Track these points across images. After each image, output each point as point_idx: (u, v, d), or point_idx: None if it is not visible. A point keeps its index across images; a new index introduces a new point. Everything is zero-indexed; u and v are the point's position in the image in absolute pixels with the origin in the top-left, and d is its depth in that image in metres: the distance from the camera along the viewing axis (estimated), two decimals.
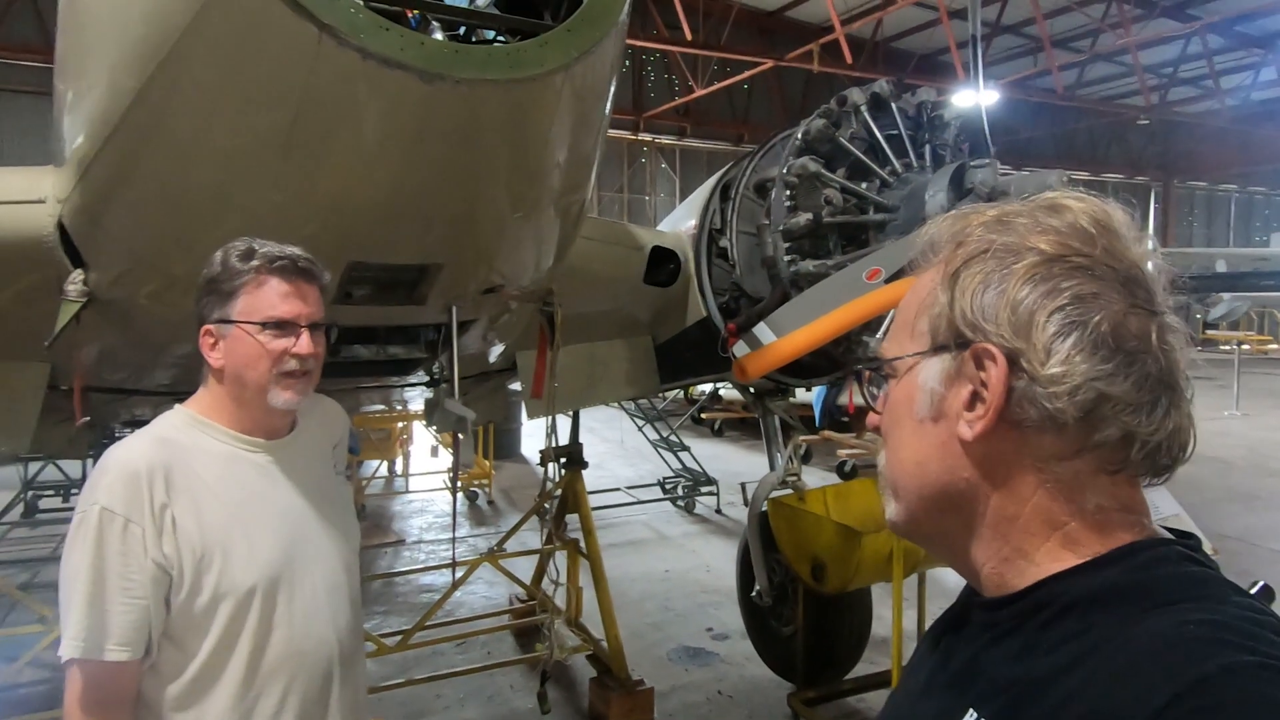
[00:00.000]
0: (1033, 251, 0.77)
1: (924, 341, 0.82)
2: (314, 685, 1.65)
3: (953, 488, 0.80)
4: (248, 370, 1.58)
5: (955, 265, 0.80)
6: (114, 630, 1.46)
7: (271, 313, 1.57)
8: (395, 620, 5.51)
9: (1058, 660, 0.70)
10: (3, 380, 2.92)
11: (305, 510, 1.69)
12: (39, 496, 8.40)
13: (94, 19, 1.85)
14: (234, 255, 1.58)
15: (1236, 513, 8.31)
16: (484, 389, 4.47)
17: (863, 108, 3.28)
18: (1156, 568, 0.74)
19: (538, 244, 2.51)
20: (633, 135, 21.83)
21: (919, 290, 0.86)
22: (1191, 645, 0.64)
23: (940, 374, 0.80)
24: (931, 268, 0.85)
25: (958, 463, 0.79)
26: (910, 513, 0.85)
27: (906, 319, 0.86)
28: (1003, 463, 0.78)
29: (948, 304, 0.79)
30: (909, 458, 0.84)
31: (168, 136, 1.80)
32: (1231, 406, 15.10)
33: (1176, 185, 31.47)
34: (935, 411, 0.80)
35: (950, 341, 0.79)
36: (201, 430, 1.62)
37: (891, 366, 0.86)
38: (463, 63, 1.58)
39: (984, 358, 0.76)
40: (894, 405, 0.86)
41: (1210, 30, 19.02)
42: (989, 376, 0.76)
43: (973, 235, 0.81)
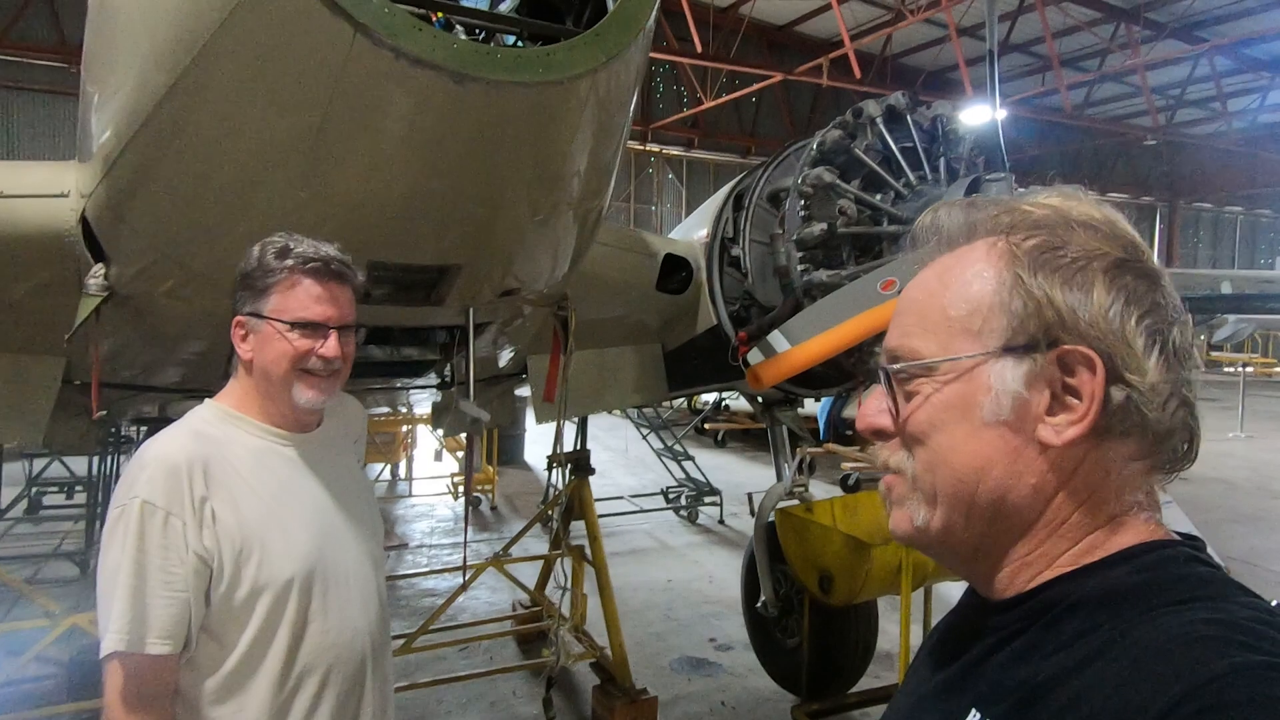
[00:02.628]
0: (1100, 255, 0.76)
1: (994, 339, 0.77)
2: (349, 677, 1.66)
3: (1014, 494, 0.77)
4: (274, 366, 1.60)
5: (1027, 260, 0.76)
6: (155, 623, 1.46)
7: (302, 314, 1.58)
8: (398, 624, 5.49)
9: (1065, 661, 0.70)
10: (19, 373, 2.93)
11: (334, 503, 1.70)
12: (43, 493, 8.41)
13: (125, 16, 1.86)
14: (270, 251, 1.59)
15: (1241, 534, 8.28)
16: (493, 393, 4.48)
17: (878, 120, 3.30)
18: (1164, 568, 0.74)
19: (556, 248, 2.51)
20: (641, 145, 21.90)
21: (957, 281, 0.80)
22: (1200, 645, 0.64)
23: (1024, 375, 0.75)
24: (958, 256, 0.81)
25: (1027, 468, 0.76)
26: (949, 521, 0.80)
27: (948, 312, 0.80)
28: (1075, 468, 0.76)
29: (1034, 301, 0.75)
30: (965, 463, 0.78)
31: (195, 133, 1.82)
32: (1236, 428, 15.07)
33: (1183, 206, 31.50)
34: (1014, 415, 0.76)
35: (1038, 341, 0.75)
36: (233, 424, 1.64)
37: (931, 366, 0.80)
38: (493, 64, 1.59)
39: (1076, 362, 0.74)
40: (940, 407, 0.79)
41: (1218, 52, 19.07)
42: (1082, 382, 0.74)
43: (1019, 228, 0.79)
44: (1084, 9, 18.24)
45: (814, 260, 3.29)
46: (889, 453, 0.85)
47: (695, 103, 20.03)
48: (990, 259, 0.79)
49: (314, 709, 1.60)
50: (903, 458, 0.83)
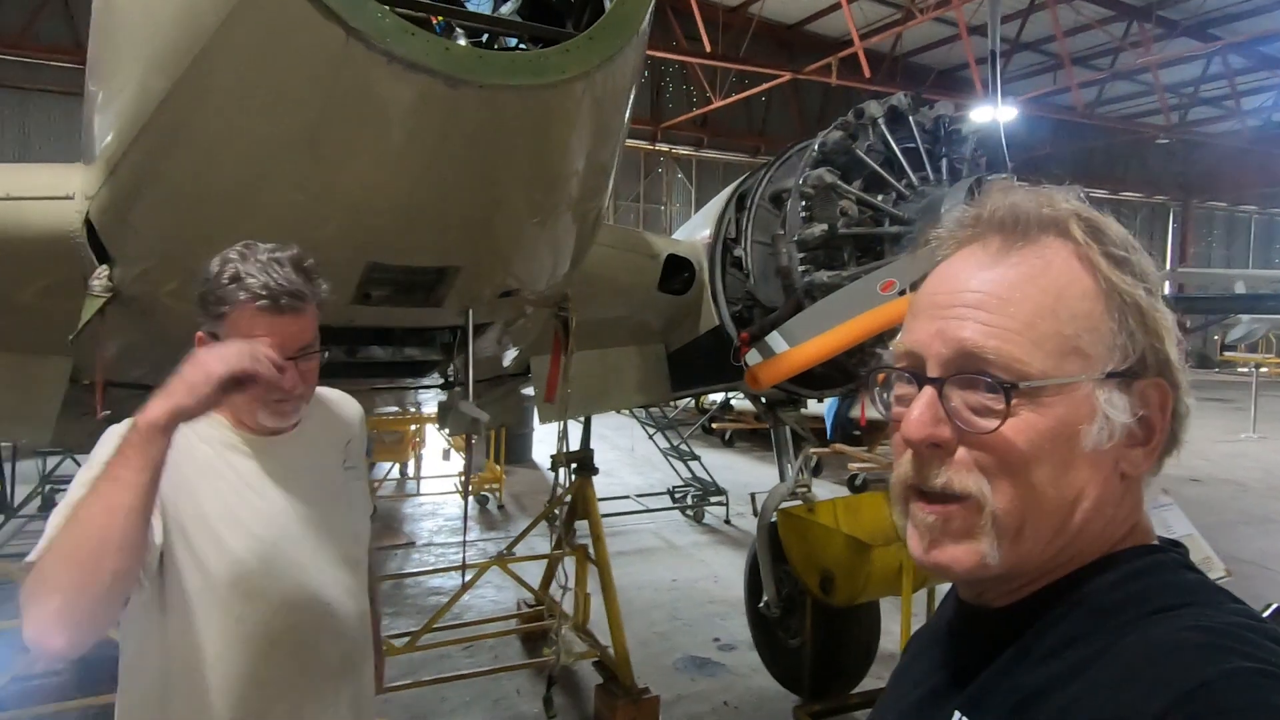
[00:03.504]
0: (1149, 273, 0.75)
1: (1099, 364, 0.72)
2: (313, 679, 1.64)
3: (1094, 524, 0.74)
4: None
5: (1123, 281, 0.73)
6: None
7: None
8: (403, 622, 5.52)
9: (1055, 668, 0.70)
10: (26, 373, 2.97)
11: (306, 504, 1.67)
12: (56, 491, 8.49)
13: (126, 21, 1.89)
14: (225, 274, 1.51)
15: (1251, 536, 8.22)
16: (497, 393, 4.50)
17: (880, 120, 3.30)
18: (1152, 575, 0.74)
19: (554, 249, 2.53)
20: (650, 145, 21.91)
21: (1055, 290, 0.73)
22: (1191, 651, 0.64)
23: (1127, 404, 0.72)
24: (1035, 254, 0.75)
25: (1109, 498, 0.74)
26: (1024, 557, 0.74)
27: (1058, 327, 0.72)
28: (1129, 491, 0.76)
29: (1146, 325, 0.72)
30: (1064, 497, 0.72)
31: (195, 136, 1.84)
32: (1248, 429, 14.95)
33: (1196, 205, 31.27)
34: (1113, 445, 0.72)
35: (1139, 369, 0.72)
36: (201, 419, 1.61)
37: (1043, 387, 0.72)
38: (486, 68, 1.61)
39: (1153, 391, 0.73)
40: (1045, 435, 0.71)
41: (1232, 50, 18.91)
42: (1154, 412, 0.73)
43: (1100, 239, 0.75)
44: (1096, 7, 18.12)
45: (815, 261, 3.29)
46: (951, 473, 0.74)
47: (705, 102, 20.02)
48: (1086, 270, 0.74)
49: (274, 708, 1.58)
50: (977, 482, 0.73)
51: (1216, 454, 12.58)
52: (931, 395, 0.75)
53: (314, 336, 1.61)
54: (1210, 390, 21.49)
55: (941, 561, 0.76)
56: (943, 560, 0.76)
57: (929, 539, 0.76)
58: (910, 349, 0.78)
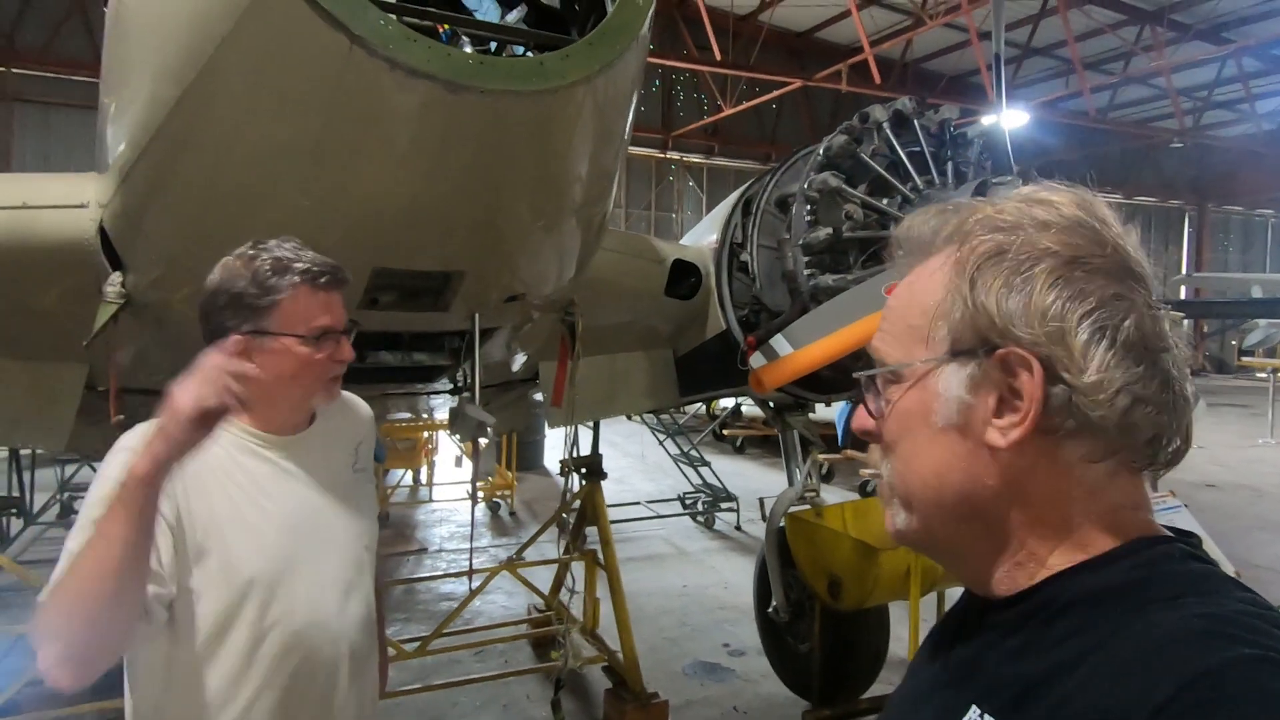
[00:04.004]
0: (1049, 254, 0.76)
1: (941, 346, 0.79)
2: (316, 682, 1.64)
3: (976, 496, 0.79)
4: (292, 379, 1.59)
5: (969, 267, 0.78)
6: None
7: (317, 324, 1.58)
8: (414, 627, 5.55)
9: (1061, 656, 0.71)
10: (42, 380, 3.02)
11: (316, 506, 1.69)
12: (74, 498, 8.57)
13: (137, 32, 1.94)
14: (263, 267, 1.56)
15: (1267, 541, 8.13)
16: (507, 398, 4.52)
17: (885, 125, 3.31)
18: (1160, 564, 0.74)
19: (560, 254, 2.55)
20: (661, 153, 21.99)
21: (919, 290, 0.83)
22: (1195, 639, 0.64)
23: (966, 380, 0.78)
24: (925, 266, 0.84)
25: (983, 471, 0.78)
26: (925, 524, 0.83)
27: (913, 321, 0.83)
28: (1030, 469, 0.77)
29: (971, 307, 0.77)
30: (926, 467, 0.81)
31: (203, 143, 1.88)
32: (1265, 434, 14.78)
33: (1211, 209, 31.02)
34: (960, 419, 0.78)
35: (977, 346, 0.77)
36: None
37: (896, 373, 0.83)
38: (487, 74, 1.64)
39: (1016, 364, 0.75)
40: (903, 413, 0.82)
41: (1245, 53, 18.80)
42: (1022, 383, 0.75)
43: (974, 234, 0.80)
44: (1107, 11, 18.07)
45: (820, 265, 3.30)
46: (874, 454, 0.88)
47: (715, 110, 20.09)
48: (945, 268, 0.81)
49: (274, 712, 1.59)
50: (881, 461, 0.86)
51: (1233, 459, 12.43)
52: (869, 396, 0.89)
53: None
54: (1227, 395, 21.28)
55: (885, 525, 0.89)
56: (885, 526, 0.89)
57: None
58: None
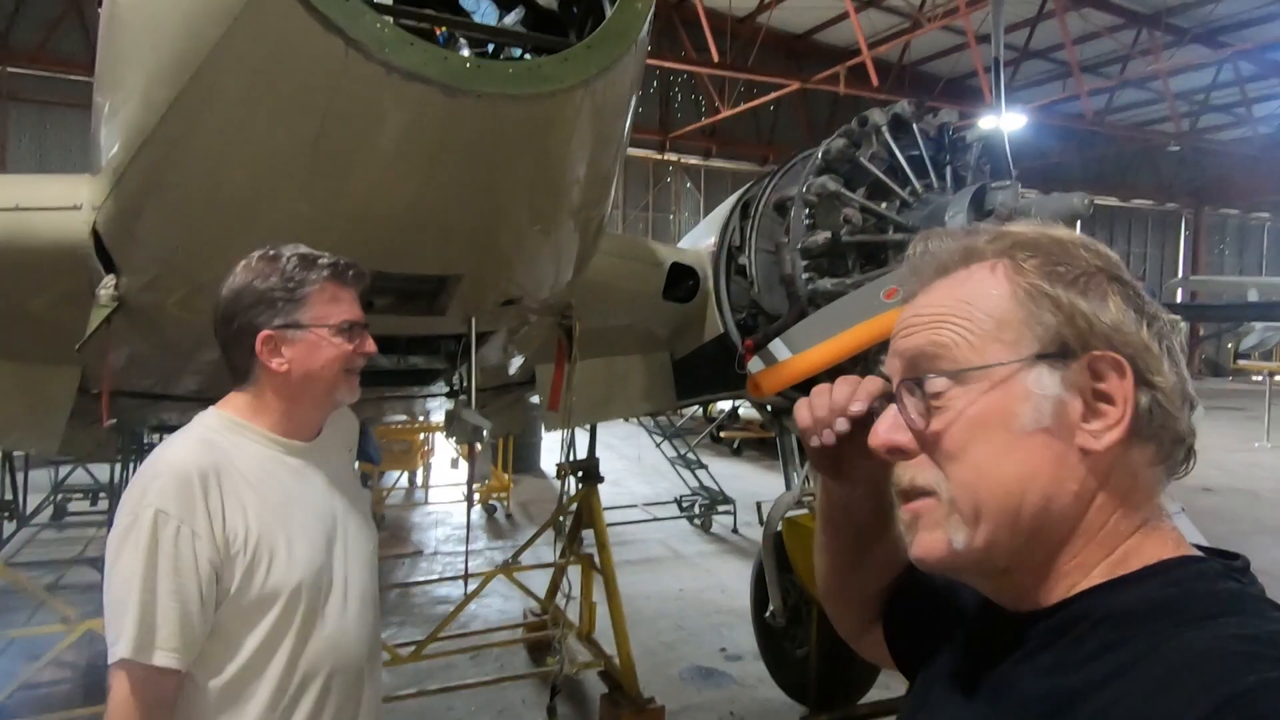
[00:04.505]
0: (1099, 270, 0.79)
1: (1026, 348, 0.77)
2: (348, 683, 1.67)
3: (1058, 502, 0.76)
4: (325, 370, 1.61)
5: (1034, 276, 0.79)
6: (163, 634, 1.46)
7: (346, 316, 1.62)
8: (410, 631, 5.53)
9: (1093, 674, 0.70)
10: (35, 382, 3.00)
11: (335, 511, 1.71)
12: (68, 499, 8.54)
13: (131, 33, 1.92)
14: (289, 263, 1.59)
15: (1266, 545, 8.13)
16: (503, 401, 4.51)
17: (884, 128, 3.29)
18: (1193, 583, 0.74)
19: (557, 257, 2.54)
20: (659, 155, 21.98)
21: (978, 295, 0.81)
22: (1230, 659, 0.63)
23: (1059, 382, 0.76)
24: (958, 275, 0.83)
25: (1069, 475, 0.76)
26: (992, 539, 0.77)
27: (976, 328, 0.79)
28: (1108, 474, 0.77)
29: (1061, 311, 0.77)
30: (1008, 474, 0.76)
31: (198, 147, 1.86)
32: (1262, 438, 14.82)
33: (1208, 212, 31.07)
34: (1054, 422, 0.76)
35: (1068, 349, 0.76)
36: (239, 433, 1.64)
37: (965, 376, 0.78)
38: (484, 77, 1.62)
39: (1107, 368, 0.75)
40: (976, 419, 0.77)
41: (1242, 57, 18.84)
42: (1113, 386, 0.75)
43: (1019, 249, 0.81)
44: (1105, 14, 18.10)
45: (819, 269, 3.28)
46: (914, 471, 0.81)
47: (713, 112, 20.07)
48: (1000, 277, 0.81)
49: (317, 711, 1.61)
50: (934, 476, 0.79)
51: (1230, 463, 12.47)
52: (893, 406, 0.83)
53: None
54: (1224, 399, 21.32)
55: (919, 553, 0.80)
56: (919, 552, 0.80)
57: (910, 536, 0.82)
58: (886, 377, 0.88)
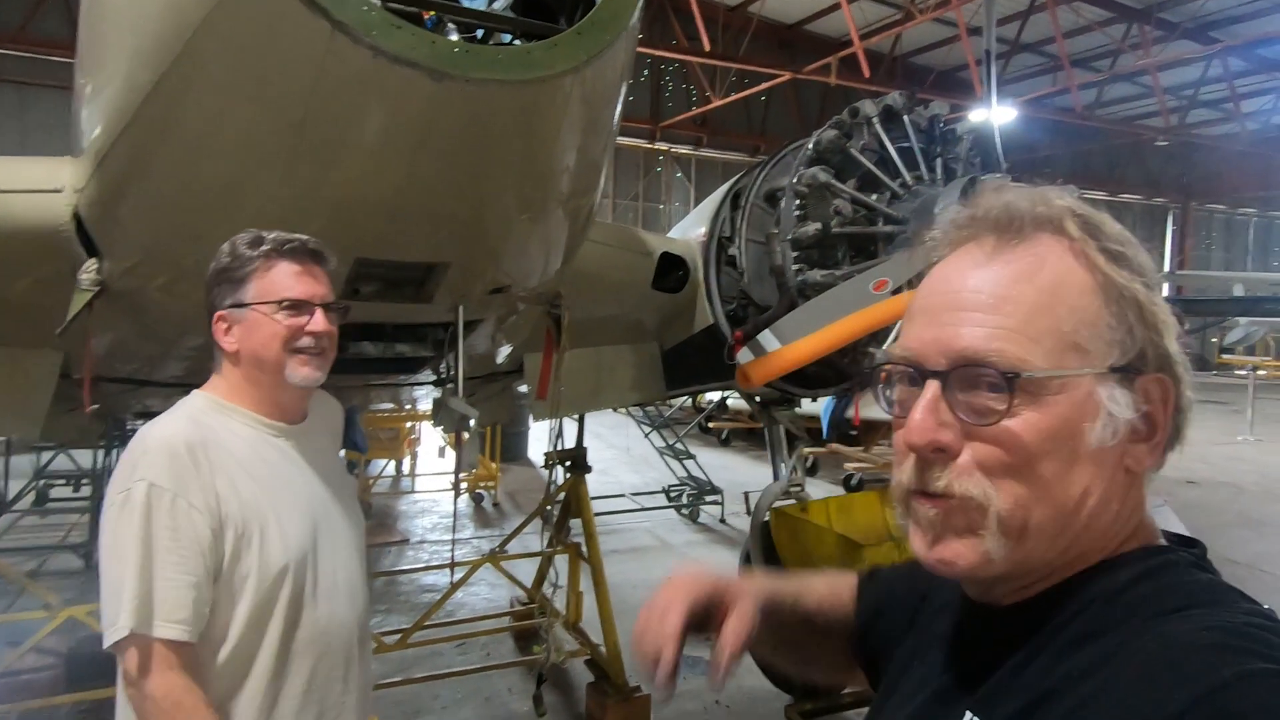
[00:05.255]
0: (1146, 268, 0.75)
1: (1099, 359, 0.72)
2: (337, 664, 1.68)
3: (1100, 520, 0.74)
4: (264, 350, 1.60)
5: (1120, 276, 0.73)
6: (164, 606, 1.45)
7: (286, 293, 1.60)
8: (396, 619, 5.52)
9: (1070, 668, 0.70)
10: (16, 367, 2.96)
11: (323, 494, 1.72)
12: (50, 485, 8.47)
13: (113, 14, 1.89)
14: (242, 244, 1.61)
15: (1247, 539, 8.22)
16: (491, 390, 4.49)
17: (875, 120, 3.29)
18: (1167, 574, 0.74)
19: (545, 245, 2.52)
20: (649, 144, 21.90)
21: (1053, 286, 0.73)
22: (1207, 652, 0.64)
23: (1129, 399, 0.72)
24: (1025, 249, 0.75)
25: (1115, 494, 0.74)
26: (1029, 556, 0.73)
27: (1058, 325, 0.72)
28: (1130, 486, 0.76)
29: (1145, 321, 0.72)
30: (1073, 493, 0.72)
31: (181, 130, 1.83)
32: (1245, 431, 14.96)
33: (1195, 208, 31.27)
34: (1117, 441, 0.72)
35: (1142, 365, 0.72)
36: (225, 414, 1.64)
37: (1040, 383, 0.71)
38: (472, 63, 1.60)
39: (1156, 389, 0.73)
40: (1046, 432, 0.71)
41: (1231, 53, 18.92)
42: (1157, 410, 0.73)
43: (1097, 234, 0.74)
44: (1095, 9, 18.12)
45: (809, 260, 3.28)
46: (952, 478, 0.73)
47: (704, 101, 20.00)
48: (1082, 265, 0.73)
49: (305, 694, 1.61)
50: (980, 486, 0.72)
51: (1213, 456, 12.59)
52: (934, 396, 0.74)
53: (334, 297, 1.69)
54: (1207, 393, 21.49)
55: (945, 557, 0.75)
56: (947, 556, 0.75)
57: (932, 534, 0.75)
58: (907, 354, 0.77)
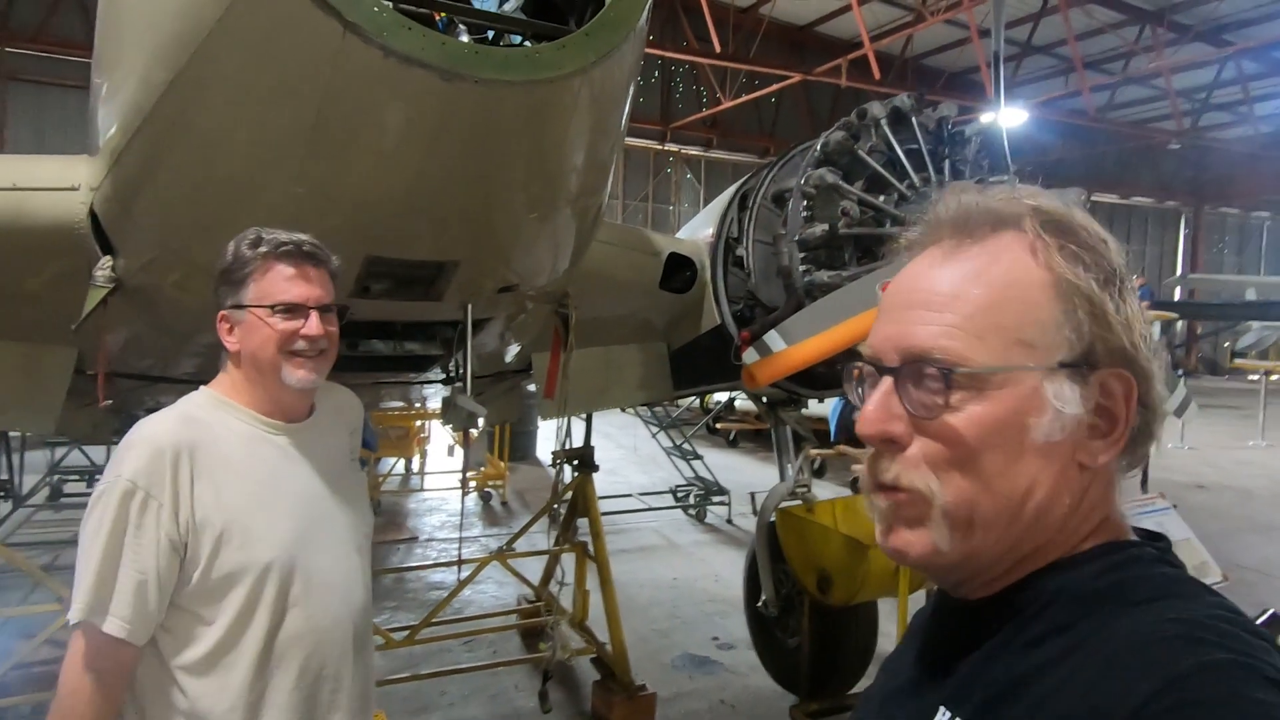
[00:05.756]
0: (1120, 272, 0.75)
1: (1053, 354, 0.72)
2: (328, 664, 1.68)
3: (1051, 515, 0.74)
4: (261, 352, 1.63)
5: (1074, 272, 0.73)
6: (116, 602, 1.50)
7: (281, 297, 1.62)
8: (404, 616, 5.55)
9: (1036, 659, 0.71)
10: (32, 363, 3.00)
11: (322, 493, 1.73)
12: (64, 480, 8.56)
13: (130, 14, 1.92)
14: (244, 244, 1.64)
15: (1255, 543, 8.17)
16: (499, 389, 4.51)
17: (882, 121, 3.29)
18: (1132, 567, 0.75)
19: (554, 245, 2.54)
20: (659, 145, 21.91)
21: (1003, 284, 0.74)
22: (1170, 643, 0.65)
23: (1079, 396, 0.72)
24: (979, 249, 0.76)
25: (1066, 489, 0.74)
26: (978, 547, 0.75)
27: (1001, 320, 0.73)
28: (1090, 484, 0.76)
29: (1096, 316, 0.73)
30: (1014, 488, 0.73)
31: (195, 129, 1.86)
32: (1256, 436, 14.84)
33: (1208, 211, 31.07)
34: (1066, 436, 0.73)
35: (1093, 361, 0.73)
36: (225, 410, 1.67)
37: (985, 378, 0.72)
38: (482, 63, 1.62)
39: (1117, 385, 0.73)
40: (990, 424, 0.72)
41: (1245, 56, 18.79)
42: (1117, 405, 0.73)
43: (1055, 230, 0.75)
44: (1108, 11, 18.04)
45: (816, 261, 3.29)
46: (900, 469, 0.75)
47: (714, 103, 20.01)
48: (1039, 262, 0.74)
49: (293, 692, 1.62)
50: (924, 479, 0.74)
51: (1224, 461, 12.50)
52: (886, 390, 0.77)
53: (333, 299, 1.70)
54: (1219, 397, 21.35)
55: (897, 546, 0.77)
56: (898, 545, 0.77)
57: (886, 524, 0.78)
58: (869, 352, 0.80)
